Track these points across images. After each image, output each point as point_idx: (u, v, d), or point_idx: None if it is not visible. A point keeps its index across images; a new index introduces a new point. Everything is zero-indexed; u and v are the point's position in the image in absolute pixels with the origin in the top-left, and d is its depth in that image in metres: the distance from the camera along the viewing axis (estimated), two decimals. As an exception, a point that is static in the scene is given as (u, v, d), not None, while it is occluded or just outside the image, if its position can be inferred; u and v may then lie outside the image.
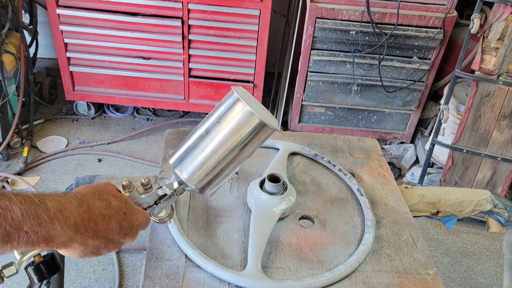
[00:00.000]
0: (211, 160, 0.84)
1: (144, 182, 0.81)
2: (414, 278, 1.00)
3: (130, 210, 0.76)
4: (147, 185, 0.82)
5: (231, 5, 2.54)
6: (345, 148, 1.41)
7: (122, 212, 0.74)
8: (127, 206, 0.76)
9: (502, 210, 1.32)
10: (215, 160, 0.84)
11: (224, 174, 0.86)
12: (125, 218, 0.75)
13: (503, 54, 2.18)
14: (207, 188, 0.87)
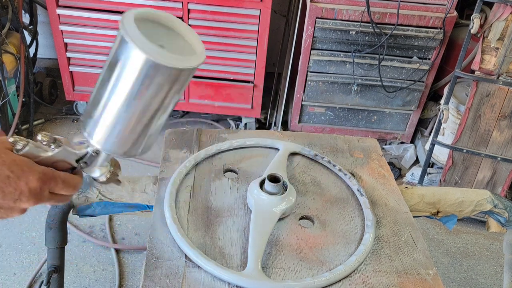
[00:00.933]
0: (112, 120, 0.68)
1: (41, 139, 0.70)
2: (414, 278, 1.00)
3: (17, 172, 0.66)
4: (45, 142, 0.70)
5: (231, 5, 2.54)
6: (345, 148, 1.41)
7: (3, 175, 0.65)
8: (11, 168, 0.66)
9: (502, 210, 1.32)
10: (118, 119, 0.68)
11: (143, 131, 0.71)
12: (9, 182, 0.66)
13: (503, 54, 2.18)
14: (125, 151, 0.73)
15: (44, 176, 0.69)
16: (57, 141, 0.70)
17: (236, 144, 1.33)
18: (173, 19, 0.71)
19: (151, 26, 0.67)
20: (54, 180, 0.71)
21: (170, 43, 0.68)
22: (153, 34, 0.65)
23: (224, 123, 3.25)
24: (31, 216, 2.38)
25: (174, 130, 1.40)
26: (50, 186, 0.70)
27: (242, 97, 2.89)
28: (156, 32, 0.68)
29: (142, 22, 0.64)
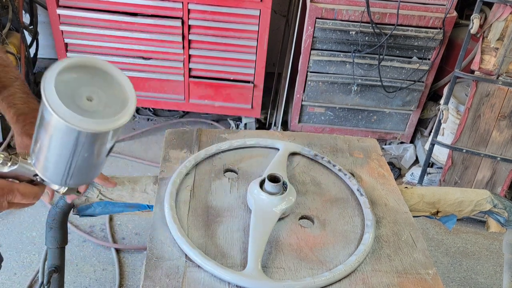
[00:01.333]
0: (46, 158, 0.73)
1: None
2: (414, 278, 1.00)
3: None
4: (1, 160, 0.75)
5: (231, 5, 2.54)
6: (345, 148, 1.41)
7: None
8: None
9: (502, 210, 1.32)
10: (50, 159, 0.73)
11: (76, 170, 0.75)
12: None
13: (503, 54, 2.18)
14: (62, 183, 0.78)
15: (1, 191, 0.75)
16: (13, 159, 0.74)
17: (236, 144, 1.34)
18: (103, 63, 0.72)
19: (79, 74, 0.68)
20: (12, 193, 0.77)
21: (99, 92, 0.69)
22: (80, 85, 0.67)
23: (224, 123, 3.25)
24: (31, 216, 2.38)
25: (174, 130, 1.40)
26: (8, 198, 0.77)
27: (242, 97, 2.90)
28: (85, 81, 0.68)
29: (69, 72, 0.66)
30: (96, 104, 0.67)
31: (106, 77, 0.71)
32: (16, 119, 0.97)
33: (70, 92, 0.65)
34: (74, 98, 0.65)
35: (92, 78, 0.69)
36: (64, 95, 0.63)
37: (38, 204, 2.45)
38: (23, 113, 0.97)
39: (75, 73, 0.68)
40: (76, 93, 0.66)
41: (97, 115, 0.66)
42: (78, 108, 0.65)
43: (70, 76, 0.66)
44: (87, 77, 0.69)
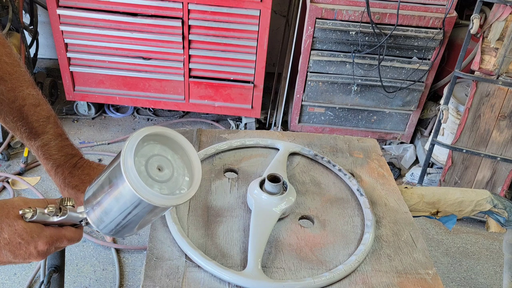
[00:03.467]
0: (103, 215, 0.78)
1: (48, 212, 0.77)
2: (413, 278, 1.00)
3: (27, 239, 0.75)
4: (52, 213, 0.78)
5: (231, 6, 2.55)
6: (345, 148, 1.41)
7: (15, 242, 0.74)
8: (22, 235, 0.75)
9: (502, 210, 1.32)
10: (108, 217, 0.78)
11: (127, 229, 0.81)
12: (20, 247, 0.75)
13: (503, 54, 2.18)
14: (112, 234, 0.84)
15: (51, 239, 0.78)
16: (63, 210, 0.79)
17: (236, 144, 1.34)
18: (179, 136, 0.78)
19: (156, 144, 0.75)
20: (60, 240, 0.80)
21: (169, 165, 0.75)
22: (154, 155, 0.74)
23: (224, 123, 3.25)
24: (31, 216, 2.38)
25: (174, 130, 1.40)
26: (56, 245, 0.80)
27: (242, 97, 2.90)
28: (159, 151, 0.75)
29: (149, 140, 0.74)
30: (164, 175, 0.74)
31: (179, 150, 0.78)
32: (55, 172, 0.99)
33: (145, 160, 0.72)
34: (146, 167, 0.72)
35: (166, 148, 0.76)
36: (139, 164, 0.70)
37: (38, 204, 2.45)
38: (61, 165, 0.99)
39: (154, 142, 0.75)
40: (149, 161, 0.73)
41: (163, 186, 0.73)
42: (149, 178, 0.71)
43: (149, 145, 0.74)
44: (162, 147, 0.76)
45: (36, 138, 0.98)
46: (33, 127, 0.97)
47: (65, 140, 1.01)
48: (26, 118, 0.97)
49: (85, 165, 1.02)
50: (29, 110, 0.97)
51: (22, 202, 0.77)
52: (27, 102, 0.97)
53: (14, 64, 0.96)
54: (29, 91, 0.99)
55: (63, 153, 1.00)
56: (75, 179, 0.98)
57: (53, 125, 1.00)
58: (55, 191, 2.55)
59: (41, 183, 2.60)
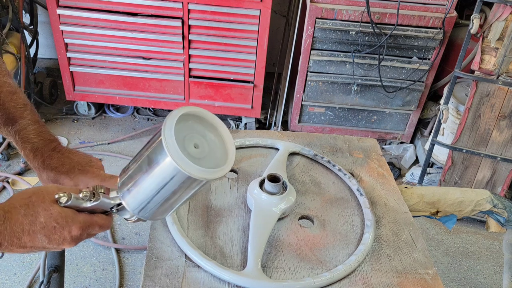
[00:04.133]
0: (142, 197, 0.79)
1: (83, 196, 0.79)
2: (413, 278, 1.00)
3: (62, 223, 0.77)
4: (86, 197, 0.80)
5: (231, 5, 2.54)
6: (344, 148, 1.41)
7: (51, 226, 0.76)
8: (57, 220, 0.76)
9: (502, 210, 1.32)
10: (146, 199, 0.79)
11: (165, 209, 0.82)
12: (55, 231, 0.76)
13: (503, 54, 2.18)
14: (149, 218, 0.84)
15: (84, 225, 0.80)
16: (96, 195, 0.80)
17: (236, 144, 1.34)
18: (213, 117, 0.81)
19: (191, 123, 0.78)
20: (92, 226, 0.82)
21: (204, 143, 0.78)
22: (191, 132, 0.76)
23: (224, 123, 3.25)
24: (31, 216, 2.38)
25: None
26: (88, 231, 0.81)
27: (242, 97, 2.90)
28: (194, 130, 0.77)
29: (184, 120, 0.75)
30: (200, 152, 0.76)
31: (212, 129, 0.80)
32: (33, 156, 0.98)
33: (182, 137, 0.74)
34: (184, 144, 0.74)
35: (201, 127, 0.79)
36: (178, 141, 0.71)
37: (38, 204, 2.45)
38: (39, 148, 0.98)
39: (189, 121, 0.77)
40: (186, 139, 0.75)
41: (201, 162, 0.74)
42: (187, 154, 0.72)
43: (184, 124, 0.75)
44: (197, 125, 0.78)
45: (14, 123, 0.98)
46: (10, 112, 0.97)
47: (43, 127, 1.01)
48: (3, 104, 0.97)
49: (64, 150, 1.01)
50: (6, 97, 0.97)
51: (56, 188, 0.78)
52: (3, 89, 0.98)
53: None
54: (6, 79, 0.99)
55: (42, 138, 0.99)
56: (55, 161, 0.97)
57: (30, 111, 1.00)
58: (55, 191, 2.55)
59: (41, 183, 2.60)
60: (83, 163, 0.98)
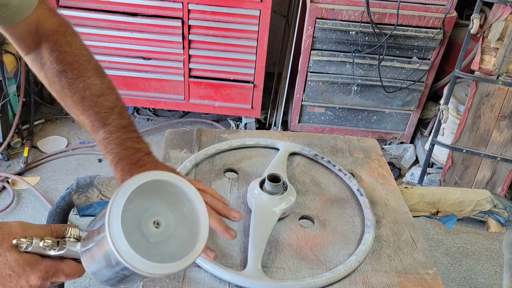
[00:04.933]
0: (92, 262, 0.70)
1: (43, 245, 0.68)
2: (413, 278, 1.00)
3: (18, 271, 0.67)
4: (47, 247, 0.69)
5: (231, 5, 2.54)
6: (345, 148, 1.41)
7: (5, 274, 0.67)
8: (13, 267, 0.67)
9: (502, 210, 1.32)
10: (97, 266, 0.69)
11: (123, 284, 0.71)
12: (10, 279, 0.68)
13: (503, 54, 2.18)
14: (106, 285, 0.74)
15: (46, 274, 0.70)
16: (61, 244, 0.70)
17: (236, 144, 1.34)
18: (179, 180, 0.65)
19: (154, 193, 0.63)
20: (57, 275, 0.72)
21: (170, 219, 0.64)
22: (152, 206, 0.62)
23: (224, 123, 3.25)
24: (31, 216, 2.38)
25: (174, 130, 1.40)
26: (52, 280, 0.72)
27: (242, 97, 2.90)
28: (158, 201, 0.63)
29: (147, 189, 0.62)
30: (162, 233, 0.63)
31: (183, 200, 0.65)
32: (115, 167, 0.91)
33: (140, 213, 0.61)
34: (140, 223, 0.61)
35: (168, 198, 0.64)
36: (129, 221, 0.59)
37: (38, 204, 2.45)
38: (121, 159, 0.90)
39: (152, 191, 0.63)
40: (144, 215, 0.62)
41: (160, 248, 0.62)
42: (142, 238, 0.61)
43: (145, 194, 0.62)
44: (163, 195, 0.64)
45: (98, 131, 0.91)
46: (95, 119, 0.90)
47: (130, 133, 0.92)
48: (88, 111, 0.90)
49: (149, 164, 0.92)
50: (91, 102, 0.90)
51: (20, 229, 0.68)
52: (88, 93, 0.90)
53: (75, 54, 0.91)
54: (91, 80, 0.91)
55: (125, 147, 0.90)
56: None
57: (116, 116, 0.91)
58: (55, 191, 2.55)
59: (41, 183, 2.60)
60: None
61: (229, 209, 0.92)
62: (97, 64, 0.94)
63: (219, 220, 0.89)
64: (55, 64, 0.90)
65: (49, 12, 0.92)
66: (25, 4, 0.86)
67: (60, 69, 0.89)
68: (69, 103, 0.93)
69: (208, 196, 0.92)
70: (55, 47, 0.90)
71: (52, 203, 2.42)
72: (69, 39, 0.93)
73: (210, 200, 0.92)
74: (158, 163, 0.95)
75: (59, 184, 2.61)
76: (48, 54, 0.90)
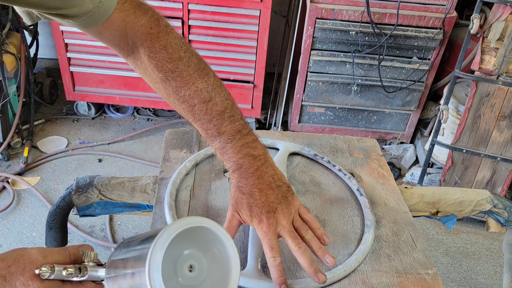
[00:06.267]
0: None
1: (67, 274, 0.69)
2: (413, 278, 1.00)
3: None
4: (70, 275, 0.70)
5: (231, 6, 2.55)
6: (345, 148, 1.41)
7: None
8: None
9: (502, 210, 1.32)
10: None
11: None
12: None
13: (503, 54, 2.19)
14: None
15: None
16: (82, 270, 0.71)
17: (236, 144, 1.34)
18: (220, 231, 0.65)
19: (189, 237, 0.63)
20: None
21: (203, 263, 0.65)
22: (187, 251, 0.63)
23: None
24: (31, 216, 2.38)
25: (174, 130, 1.40)
26: None
27: (242, 97, 2.90)
28: (192, 246, 0.64)
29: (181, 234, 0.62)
30: (196, 277, 0.64)
31: (216, 244, 0.66)
32: (232, 173, 0.89)
33: (175, 258, 0.62)
34: (175, 268, 0.62)
35: (202, 242, 0.65)
36: (167, 266, 0.60)
37: (38, 204, 2.45)
38: (238, 167, 0.88)
39: (187, 235, 0.63)
40: (179, 260, 0.63)
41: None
42: (177, 282, 0.62)
43: (180, 239, 0.62)
44: (197, 239, 0.65)
45: (213, 141, 0.88)
46: (208, 128, 0.88)
47: (244, 137, 0.89)
48: (200, 120, 0.87)
49: (266, 176, 0.88)
50: (201, 111, 0.87)
51: (41, 256, 0.68)
52: (196, 101, 0.87)
53: (173, 59, 0.86)
54: (196, 86, 0.88)
55: (242, 155, 0.88)
56: (241, 193, 0.85)
57: (229, 121, 0.88)
58: (55, 191, 2.55)
59: (41, 183, 2.60)
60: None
61: (324, 252, 0.89)
62: (197, 63, 0.90)
63: (310, 261, 0.86)
64: (157, 72, 0.86)
65: (135, 13, 0.86)
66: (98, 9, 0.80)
67: (163, 77, 0.86)
68: (180, 110, 0.90)
69: (309, 232, 0.90)
70: (152, 54, 0.85)
71: (52, 203, 2.42)
72: (163, 42, 0.87)
73: (309, 237, 0.90)
74: (275, 172, 0.91)
75: (59, 184, 2.61)
76: (147, 62, 0.86)
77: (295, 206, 0.92)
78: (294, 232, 0.88)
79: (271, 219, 0.87)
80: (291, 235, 0.87)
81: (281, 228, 0.88)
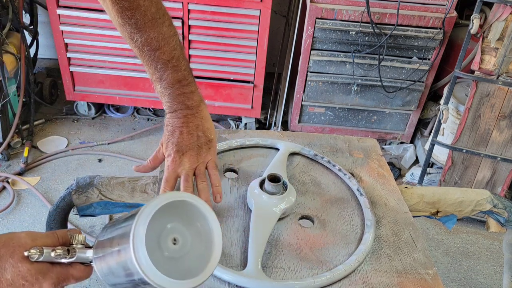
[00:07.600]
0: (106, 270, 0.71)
1: (55, 255, 0.71)
2: (413, 278, 1.00)
3: (31, 280, 0.70)
4: (59, 256, 0.72)
5: (231, 6, 2.55)
6: (345, 148, 1.41)
7: (18, 284, 0.69)
8: (26, 277, 0.69)
9: (502, 210, 1.32)
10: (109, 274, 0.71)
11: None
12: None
13: (503, 54, 2.19)
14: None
15: (57, 280, 0.73)
16: (71, 252, 0.73)
17: (236, 144, 1.34)
18: (204, 205, 0.68)
19: (173, 211, 0.66)
20: (67, 280, 0.75)
21: (187, 236, 0.67)
22: (171, 223, 0.66)
23: (224, 123, 3.25)
24: (31, 216, 2.38)
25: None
26: (63, 285, 0.75)
27: (242, 97, 2.90)
28: (176, 219, 0.66)
29: (166, 208, 0.64)
30: (179, 249, 0.67)
31: (199, 219, 0.69)
32: (166, 113, 1.01)
33: (159, 231, 0.65)
34: (159, 240, 0.65)
35: (185, 216, 0.68)
36: (150, 239, 0.62)
37: (38, 204, 2.45)
38: (172, 111, 0.99)
39: (172, 209, 0.66)
40: (163, 233, 0.65)
41: (177, 264, 0.65)
42: (161, 255, 0.64)
43: (164, 212, 0.64)
44: (181, 214, 0.67)
45: (156, 85, 0.98)
46: (153, 73, 0.97)
47: (183, 87, 0.98)
48: (147, 65, 0.97)
49: (193, 126, 0.99)
50: (149, 57, 0.95)
51: (30, 239, 0.70)
52: (145, 48, 0.95)
53: (132, 7, 0.92)
54: (148, 34, 0.94)
55: (176, 102, 0.98)
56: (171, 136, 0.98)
57: (171, 70, 0.96)
58: (55, 191, 2.55)
59: (41, 183, 2.60)
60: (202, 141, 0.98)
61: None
62: (155, 12, 0.94)
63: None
64: (117, 17, 0.93)
65: None
66: None
67: (121, 22, 0.93)
68: (135, 52, 0.98)
69: (204, 184, 1.01)
70: (115, 0, 0.91)
71: (52, 203, 2.42)
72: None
73: (201, 188, 1.00)
74: (202, 123, 1.01)
75: (59, 184, 2.61)
76: (111, 6, 0.92)
77: (204, 158, 1.02)
78: (190, 177, 0.99)
79: (177, 158, 0.99)
80: (185, 178, 0.98)
81: (182, 168, 0.99)
